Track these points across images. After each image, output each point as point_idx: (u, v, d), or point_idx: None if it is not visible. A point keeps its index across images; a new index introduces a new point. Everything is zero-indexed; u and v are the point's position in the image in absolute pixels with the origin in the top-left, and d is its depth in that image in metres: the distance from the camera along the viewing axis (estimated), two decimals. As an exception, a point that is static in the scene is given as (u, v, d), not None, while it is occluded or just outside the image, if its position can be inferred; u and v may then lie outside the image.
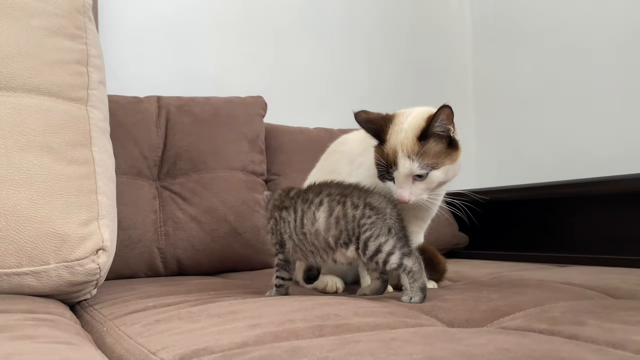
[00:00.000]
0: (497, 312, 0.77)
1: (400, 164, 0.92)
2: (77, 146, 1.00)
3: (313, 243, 0.90)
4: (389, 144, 0.95)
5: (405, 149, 0.92)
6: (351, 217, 0.86)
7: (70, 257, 0.92)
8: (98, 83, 1.10)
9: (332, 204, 0.88)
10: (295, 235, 0.92)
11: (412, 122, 0.95)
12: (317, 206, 0.89)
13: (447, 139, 0.94)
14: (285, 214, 0.93)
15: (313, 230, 0.89)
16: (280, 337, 0.62)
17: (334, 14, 2.15)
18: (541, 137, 2.05)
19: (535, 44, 2.07)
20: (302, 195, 0.93)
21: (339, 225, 0.87)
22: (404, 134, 0.93)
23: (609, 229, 1.63)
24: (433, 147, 0.92)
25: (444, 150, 0.93)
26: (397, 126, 0.95)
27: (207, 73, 1.92)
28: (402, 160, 0.92)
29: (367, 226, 0.85)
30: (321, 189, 0.92)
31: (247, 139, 1.61)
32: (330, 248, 0.89)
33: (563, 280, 1.07)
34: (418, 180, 0.93)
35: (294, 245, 0.93)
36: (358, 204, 0.87)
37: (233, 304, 0.82)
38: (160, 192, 1.49)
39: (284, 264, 0.96)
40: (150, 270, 1.43)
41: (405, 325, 0.68)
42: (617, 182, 1.61)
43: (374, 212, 0.86)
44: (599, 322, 0.65)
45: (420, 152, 0.91)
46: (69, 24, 1.06)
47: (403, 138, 0.93)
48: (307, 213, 0.90)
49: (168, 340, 0.64)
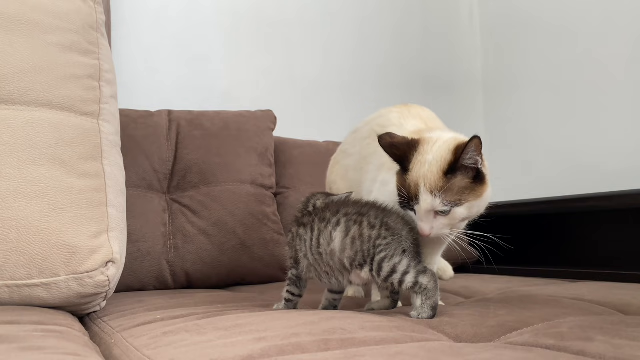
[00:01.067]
0: (504, 327, 0.76)
1: (422, 199, 0.87)
2: (88, 159, 1.02)
3: (328, 264, 0.88)
4: (412, 176, 0.89)
5: (429, 183, 0.87)
6: (367, 237, 0.85)
7: (80, 269, 0.93)
8: (110, 97, 1.12)
9: (349, 224, 0.87)
10: (311, 255, 0.90)
11: (437, 153, 0.89)
12: (335, 226, 0.87)
13: (474, 171, 0.88)
14: (303, 231, 0.92)
15: (329, 251, 0.87)
16: (286, 350, 0.62)
17: (344, 28, 2.17)
18: (551, 151, 2.04)
19: (546, 56, 2.07)
20: (320, 213, 0.91)
21: (354, 246, 0.86)
22: (428, 167, 0.88)
23: (621, 244, 1.62)
24: (458, 183, 0.87)
25: (469, 186, 0.88)
26: (422, 156, 0.90)
27: (219, 87, 1.94)
28: (424, 196, 0.87)
29: (382, 247, 0.84)
30: (339, 208, 0.90)
31: (257, 152, 1.62)
32: (345, 269, 0.87)
33: (573, 296, 1.06)
34: (440, 215, 0.88)
35: (308, 264, 0.91)
36: (375, 224, 0.86)
37: (240, 317, 0.82)
38: (170, 205, 1.50)
39: (296, 280, 0.95)
40: (159, 283, 1.43)
41: (412, 340, 0.68)
42: (629, 197, 1.60)
43: (390, 233, 0.85)
44: (607, 339, 0.64)
45: (444, 188, 0.86)
46: (82, 39, 1.09)
47: (427, 171, 0.88)
48: (324, 233, 0.88)
49: (174, 352, 0.64)
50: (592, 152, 1.89)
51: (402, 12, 2.28)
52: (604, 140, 1.85)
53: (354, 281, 0.89)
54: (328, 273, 0.89)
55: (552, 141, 2.04)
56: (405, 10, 2.29)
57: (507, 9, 2.25)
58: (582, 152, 1.92)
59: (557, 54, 2.03)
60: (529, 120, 2.14)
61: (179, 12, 1.91)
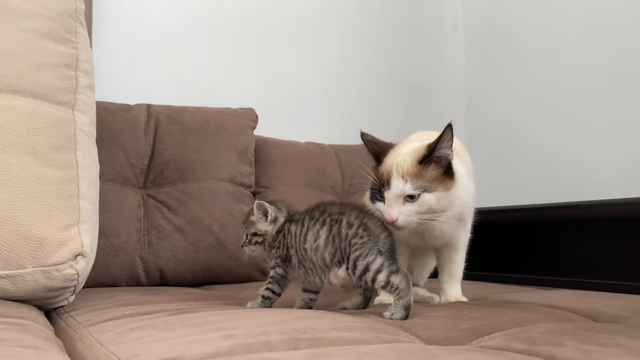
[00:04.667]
0: (476, 331, 0.76)
1: (393, 184, 0.93)
2: (61, 150, 0.99)
3: (312, 260, 0.90)
4: (385, 164, 0.97)
5: (401, 169, 0.93)
6: (344, 235, 0.88)
7: (48, 262, 0.91)
8: (86, 88, 1.09)
9: (332, 223, 0.90)
10: (299, 250, 0.92)
11: (411, 148, 0.97)
12: (322, 225, 0.91)
13: (445, 166, 0.95)
14: (294, 227, 0.94)
15: (315, 246, 0.90)
16: (254, 348, 0.60)
17: (329, 30, 2.16)
18: (530, 158, 2.05)
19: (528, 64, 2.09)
20: (309, 212, 0.95)
21: (334, 243, 0.88)
22: (401, 157, 0.95)
23: (595, 253, 1.63)
24: (430, 172, 0.93)
25: (439, 177, 0.94)
26: (396, 151, 0.98)
27: (201, 84, 1.92)
28: (396, 181, 0.93)
29: (357, 245, 0.86)
30: (325, 208, 0.94)
31: (236, 150, 1.60)
32: (326, 266, 0.89)
33: (545, 303, 1.06)
34: (409, 201, 0.93)
35: (298, 261, 0.93)
36: (353, 224, 0.88)
37: (211, 315, 0.81)
38: (145, 201, 1.47)
39: (280, 279, 0.96)
40: (131, 280, 1.41)
41: (383, 341, 0.67)
42: (603, 207, 1.62)
43: (367, 234, 0.87)
44: (577, 344, 0.64)
45: (415, 174, 0.93)
46: (59, 27, 1.06)
47: (400, 160, 0.95)
48: (312, 229, 0.91)
49: (139, 348, 0.63)
50: (571, 161, 1.90)
51: (387, 17, 2.28)
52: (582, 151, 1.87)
53: (333, 281, 0.91)
54: (312, 270, 0.91)
55: (532, 148, 2.05)
56: (390, 16, 2.29)
57: (491, 17, 2.27)
58: (561, 161, 1.94)
59: (539, 63, 2.05)
60: (509, 127, 2.16)
61: (163, 6, 1.88)
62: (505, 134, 2.18)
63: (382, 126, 2.21)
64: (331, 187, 1.79)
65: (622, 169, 1.74)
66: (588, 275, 1.61)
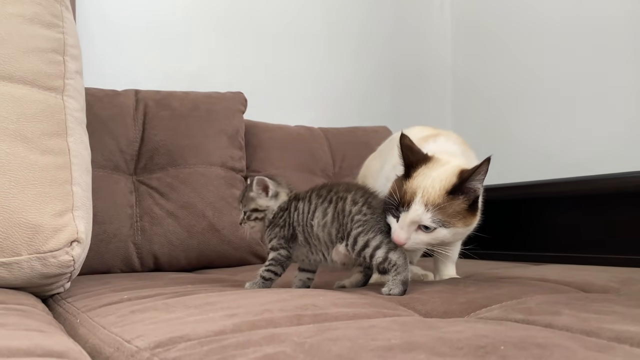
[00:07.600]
0: (474, 304, 0.77)
1: (412, 208, 0.85)
2: (52, 136, 0.98)
3: (318, 236, 0.91)
4: (412, 183, 0.87)
5: (427, 195, 0.85)
6: (348, 212, 0.89)
7: (43, 249, 0.90)
8: (75, 73, 1.08)
9: (338, 200, 0.91)
10: (306, 226, 0.93)
11: (442, 173, 0.87)
12: (329, 203, 0.91)
13: (472, 199, 0.87)
14: (301, 205, 0.94)
15: (322, 223, 0.90)
16: (258, 325, 0.61)
17: (315, 15, 2.15)
18: (517, 138, 2.08)
19: (513, 49, 2.10)
20: (317, 190, 0.95)
21: (338, 219, 0.89)
22: (431, 182, 0.86)
23: (583, 228, 1.66)
24: (454, 206, 0.85)
25: (462, 212, 0.86)
26: (428, 170, 0.89)
27: (189, 71, 1.90)
28: (417, 205, 0.85)
29: (360, 222, 0.87)
30: (332, 187, 0.94)
31: (227, 134, 1.60)
32: (332, 242, 0.90)
33: (538, 277, 1.08)
34: (423, 231, 0.86)
35: (304, 238, 0.93)
36: (358, 201, 0.89)
37: (210, 296, 0.81)
38: (136, 187, 1.47)
39: (284, 260, 0.96)
40: (125, 266, 1.40)
41: (383, 315, 0.68)
42: (590, 182, 1.64)
43: (370, 212, 0.88)
44: (574, 312, 0.66)
45: (439, 205, 0.84)
46: (45, 12, 1.04)
47: (428, 185, 0.86)
48: (320, 207, 0.92)
49: (144, 329, 0.63)
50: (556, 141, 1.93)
51: (374, 1, 2.28)
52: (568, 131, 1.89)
53: (334, 258, 0.92)
54: (316, 246, 0.92)
55: (518, 128, 2.08)
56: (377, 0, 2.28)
57: (477, 1, 2.27)
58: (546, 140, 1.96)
59: (524, 47, 2.06)
60: (496, 109, 2.17)
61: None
62: (491, 115, 2.20)
63: (370, 110, 2.22)
64: (322, 170, 1.79)
65: (608, 146, 1.77)
66: (577, 250, 1.64)
